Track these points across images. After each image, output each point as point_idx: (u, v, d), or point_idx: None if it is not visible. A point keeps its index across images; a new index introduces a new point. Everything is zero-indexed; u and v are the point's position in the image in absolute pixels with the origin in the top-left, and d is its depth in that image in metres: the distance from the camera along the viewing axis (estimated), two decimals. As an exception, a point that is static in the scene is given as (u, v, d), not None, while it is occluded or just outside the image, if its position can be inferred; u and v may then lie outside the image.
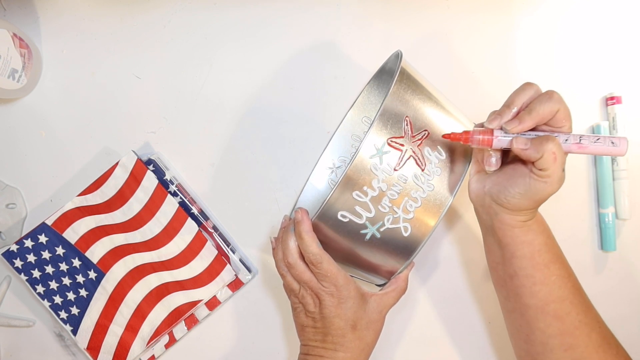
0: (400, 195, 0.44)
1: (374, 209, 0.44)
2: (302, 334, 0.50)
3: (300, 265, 0.48)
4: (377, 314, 0.50)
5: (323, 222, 0.45)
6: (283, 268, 0.49)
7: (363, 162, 0.43)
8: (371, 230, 0.45)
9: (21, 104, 0.62)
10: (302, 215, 0.46)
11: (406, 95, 0.45)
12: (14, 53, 0.56)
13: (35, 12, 0.61)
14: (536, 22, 0.60)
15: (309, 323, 0.49)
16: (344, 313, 0.48)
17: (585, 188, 0.61)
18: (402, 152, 0.44)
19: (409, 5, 0.60)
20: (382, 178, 0.44)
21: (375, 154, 0.43)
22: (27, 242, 0.59)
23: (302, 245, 0.46)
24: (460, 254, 0.62)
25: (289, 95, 0.61)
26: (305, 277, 0.48)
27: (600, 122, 0.60)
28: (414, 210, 0.45)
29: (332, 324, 0.48)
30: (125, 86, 0.61)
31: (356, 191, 0.43)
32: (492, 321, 0.62)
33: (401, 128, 0.44)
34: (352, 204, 0.44)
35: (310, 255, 0.46)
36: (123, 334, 0.61)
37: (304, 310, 0.49)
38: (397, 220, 0.45)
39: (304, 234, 0.46)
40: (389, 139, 0.43)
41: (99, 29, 0.61)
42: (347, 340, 0.48)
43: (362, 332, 0.49)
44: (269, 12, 0.61)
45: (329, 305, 0.48)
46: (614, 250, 0.60)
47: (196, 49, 0.61)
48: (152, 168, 0.59)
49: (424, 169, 0.45)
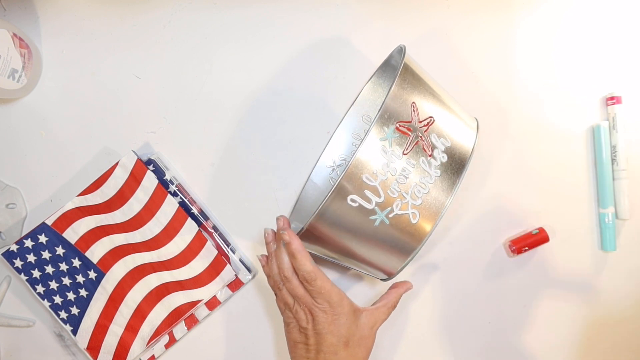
0: (409, 180, 0.45)
1: (383, 194, 0.44)
2: (294, 351, 0.50)
3: (294, 279, 0.48)
4: (368, 329, 0.50)
5: (334, 208, 0.44)
6: (278, 282, 0.49)
7: (374, 145, 0.43)
8: (380, 216, 0.45)
9: (21, 104, 0.62)
10: (289, 235, 0.47)
11: (411, 83, 0.46)
12: (14, 53, 0.56)
13: (35, 12, 0.61)
14: (536, 21, 0.60)
15: (301, 339, 0.49)
16: (337, 330, 0.48)
17: (585, 188, 0.61)
18: (410, 136, 0.44)
19: (408, 4, 0.60)
20: (391, 161, 0.44)
21: (384, 137, 0.43)
22: (27, 242, 0.59)
23: (296, 263, 0.47)
24: (460, 254, 0.62)
25: (289, 95, 0.61)
26: (299, 292, 0.48)
27: (600, 122, 0.60)
28: (422, 196, 0.45)
29: (325, 341, 0.48)
30: (125, 86, 0.61)
31: (366, 174, 0.43)
32: (492, 321, 0.62)
33: (408, 113, 0.45)
34: (362, 187, 0.44)
35: (305, 273, 0.46)
36: (123, 334, 0.61)
37: (298, 326, 0.49)
38: (405, 206, 0.45)
39: (296, 253, 0.46)
40: (397, 122, 0.44)
41: (99, 29, 0.61)
42: (339, 358, 0.48)
43: (354, 349, 0.49)
44: (269, 12, 0.61)
45: (322, 322, 0.48)
46: (614, 250, 0.60)
47: (196, 49, 0.61)
48: (152, 168, 0.59)
49: (431, 154, 0.45)
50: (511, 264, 0.61)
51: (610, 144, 0.59)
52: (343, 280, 0.62)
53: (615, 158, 0.59)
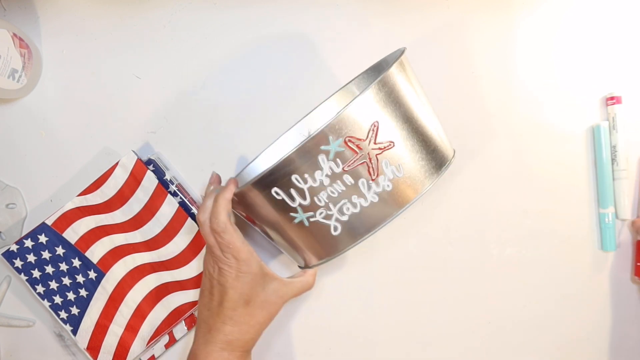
0: (341, 195, 0.43)
1: (309, 198, 0.43)
2: (201, 298, 0.52)
3: (207, 226, 0.48)
4: (276, 297, 0.51)
5: (259, 190, 0.44)
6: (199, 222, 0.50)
7: (312, 150, 0.41)
8: (301, 217, 0.44)
9: (21, 104, 0.62)
10: (229, 183, 0.48)
11: (386, 100, 0.43)
12: (14, 53, 0.56)
13: (35, 12, 0.61)
14: (536, 22, 0.60)
15: (207, 287, 0.51)
16: (240, 286, 0.49)
17: (585, 188, 0.61)
18: (357, 154, 0.42)
19: (409, 4, 0.60)
20: (326, 172, 0.42)
21: (327, 147, 0.41)
22: (27, 242, 0.59)
23: (213, 209, 0.47)
24: (459, 253, 0.62)
25: (288, 95, 0.61)
26: (210, 240, 0.49)
27: (600, 122, 0.60)
28: (350, 214, 0.44)
29: (227, 294, 0.49)
30: (125, 86, 0.61)
31: (296, 175, 0.42)
32: (492, 321, 0.62)
33: (365, 132, 0.42)
34: (289, 186, 0.43)
35: (215, 224, 0.47)
36: (123, 334, 0.61)
37: (208, 274, 0.51)
38: (329, 217, 0.44)
39: (220, 199, 0.47)
40: (347, 137, 0.41)
41: (99, 29, 0.61)
42: (238, 315, 0.49)
43: (254, 309, 0.50)
44: (269, 12, 0.61)
45: (226, 275, 0.49)
46: (614, 250, 0.60)
47: (196, 49, 0.61)
48: (152, 168, 0.59)
49: (374, 179, 0.43)
50: (511, 264, 0.61)
51: (610, 144, 0.59)
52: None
53: (615, 158, 0.59)
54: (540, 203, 0.61)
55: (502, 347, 0.62)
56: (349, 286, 0.62)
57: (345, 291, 0.62)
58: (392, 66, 0.44)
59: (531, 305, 0.62)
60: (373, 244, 0.62)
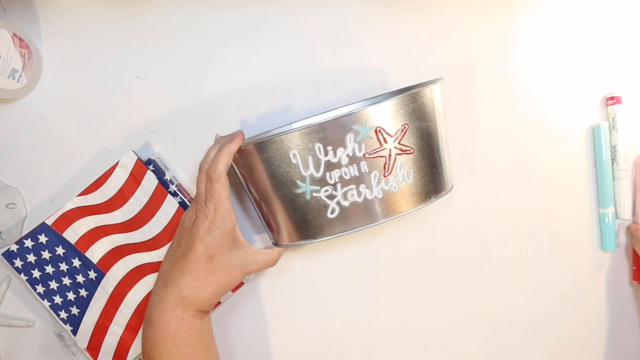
0: (351, 180, 0.44)
1: (322, 172, 0.43)
2: (167, 252, 0.53)
3: (203, 174, 0.49)
4: (240, 264, 0.51)
5: (276, 148, 0.44)
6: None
7: (345, 126, 0.42)
8: (306, 188, 0.44)
9: (21, 104, 0.62)
10: (236, 136, 0.47)
11: (419, 111, 0.45)
12: (14, 53, 0.56)
13: (35, 12, 0.61)
14: (536, 22, 0.60)
15: (176, 239, 0.52)
16: (209, 240, 0.49)
17: (585, 188, 0.61)
18: (381, 146, 0.43)
19: (408, 4, 0.60)
20: (348, 152, 0.43)
21: (359, 128, 0.42)
22: (27, 242, 0.59)
23: (215, 157, 0.48)
24: (459, 253, 0.62)
25: (288, 95, 0.61)
26: (200, 187, 0.49)
27: (600, 122, 0.60)
28: (353, 201, 0.44)
29: (194, 245, 0.49)
30: (125, 86, 0.61)
31: (320, 144, 0.42)
32: (492, 321, 0.62)
33: (395, 129, 0.44)
34: (309, 152, 0.43)
35: (212, 171, 0.47)
36: (123, 334, 0.61)
37: (182, 223, 0.51)
38: (332, 198, 0.44)
39: (224, 149, 0.47)
40: (379, 127, 0.43)
41: (99, 29, 0.61)
42: (197, 269, 0.49)
43: (216, 267, 0.50)
44: (269, 12, 0.61)
45: (199, 225, 0.49)
46: (614, 250, 0.60)
47: (196, 49, 0.61)
48: (152, 168, 0.59)
49: (387, 175, 0.44)
50: (511, 264, 0.61)
51: (610, 144, 0.59)
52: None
53: (615, 158, 0.59)
54: (540, 203, 0.61)
55: (502, 347, 0.62)
56: (349, 286, 0.62)
57: (345, 291, 0.62)
58: (434, 84, 0.46)
59: (531, 306, 0.62)
60: (373, 244, 0.62)
